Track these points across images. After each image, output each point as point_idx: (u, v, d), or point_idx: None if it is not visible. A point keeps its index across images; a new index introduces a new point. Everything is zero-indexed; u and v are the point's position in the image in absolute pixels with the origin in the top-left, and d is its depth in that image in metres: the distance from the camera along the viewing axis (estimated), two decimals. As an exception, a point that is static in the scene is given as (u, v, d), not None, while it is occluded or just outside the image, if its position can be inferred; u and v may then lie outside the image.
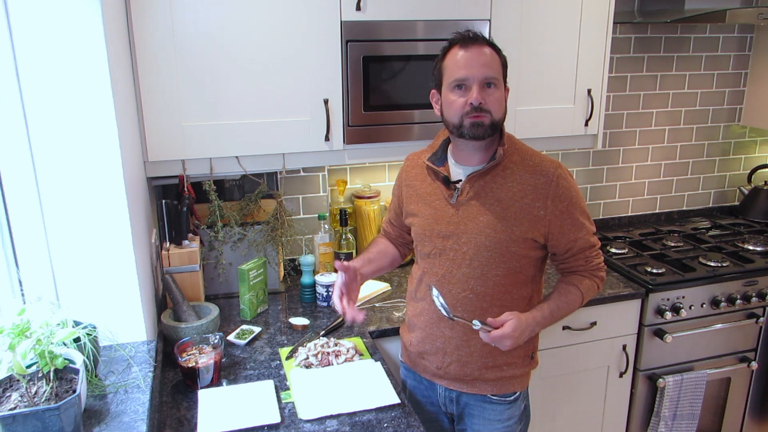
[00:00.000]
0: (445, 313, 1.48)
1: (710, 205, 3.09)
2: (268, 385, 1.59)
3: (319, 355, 1.71)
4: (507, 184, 1.50)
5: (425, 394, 1.74)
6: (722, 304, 2.34)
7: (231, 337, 1.86)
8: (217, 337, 1.67)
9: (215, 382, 1.60)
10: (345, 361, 1.70)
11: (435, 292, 1.50)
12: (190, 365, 1.56)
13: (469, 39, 1.46)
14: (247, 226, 2.14)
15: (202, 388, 1.58)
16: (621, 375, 2.32)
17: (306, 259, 2.16)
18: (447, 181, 1.55)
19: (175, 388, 1.60)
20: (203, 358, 1.58)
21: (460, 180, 1.54)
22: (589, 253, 1.57)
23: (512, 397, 1.65)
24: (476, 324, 1.47)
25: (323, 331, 1.90)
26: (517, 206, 1.49)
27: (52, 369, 1.15)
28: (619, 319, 2.26)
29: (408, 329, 1.75)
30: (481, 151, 1.52)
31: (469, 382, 1.62)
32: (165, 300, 1.91)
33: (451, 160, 1.58)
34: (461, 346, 1.59)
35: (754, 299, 2.38)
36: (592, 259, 1.58)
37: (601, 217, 2.91)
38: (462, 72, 1.44)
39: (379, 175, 2.51)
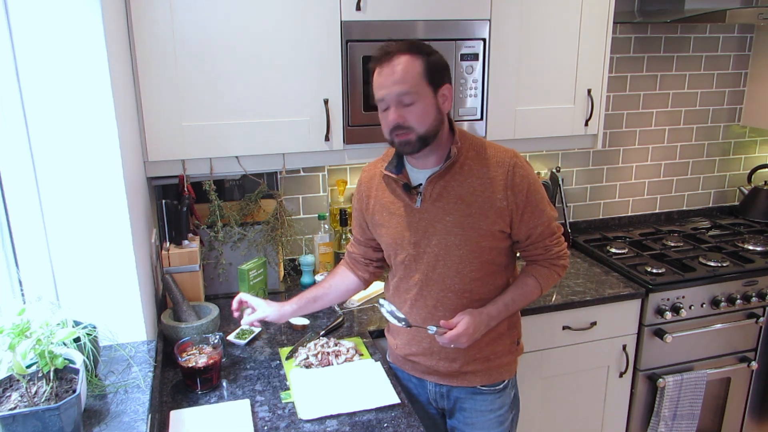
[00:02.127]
0: (401, 324, 1.54)
1: (710, 205, 3.09)
2: (244, 405, 1.52)
3: (319, 355, 1.71)
4: (467, 181, 1.51)
5: (415, 392, 1.75)
6: (722, 304, 2.34)
7: (231, 337, 1.86)
8: (217, 337, 1.67)
9: (215, 383, 1.60)
10: (345, 361, 1.70)
11: (386, 307, 1.56)
12: (189, 365, 1.56)
13: (384, 55, 1.42)
14: (247, 226, 2.14)
15: (202, 388, 1.58)
16: (621, 375, 2.32)
17: (306, 259, 2.16)
18: (408, 188, 1.55)
19: (175, 388, 1.60)
20: (203, 359, 1.58)
21: (421, 184, 1.54)
22: (549, 241, 1.57)
23: (501, 386, 1.67)
24: (431, 329, 1.51)
25: (323, 331, 1.90)
26: (479, 201, 1.50)
27: (52, 369, 1.14)
28: (619, 319, 2.26)
29: (392, 334, 1.76)
30: (435, 152, 1.51)
31: (458, 376, 1.64)
32: (165, 300, 1.91)
33: (408, 166, 1.57)
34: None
35: (754, 299, 2.38)
36: (552, 248, 1.58)
37: (601, 217, 2.91)
38: (379, 93, 1.44)
39: (379, 175, 2.51)
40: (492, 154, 1.52)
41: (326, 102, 1.95)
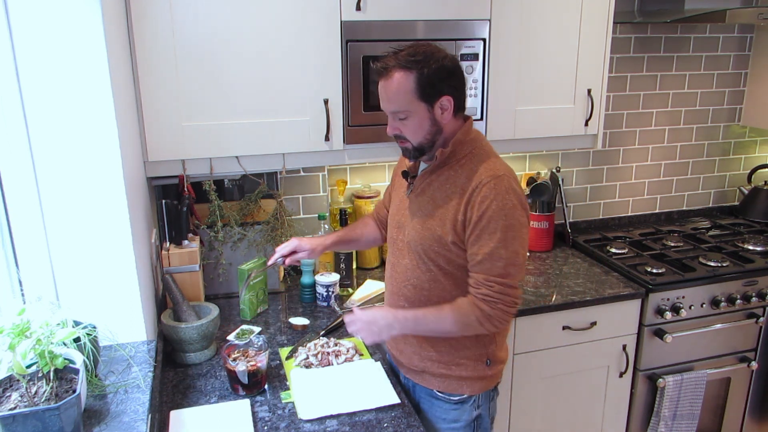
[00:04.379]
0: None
1: (710, 205, 3.09)
2: (244, 405, 1.52)
3: (319, 355, 1.71)
4: (444, 186, 1.51)
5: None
6: (722, 304, 2.34)
7: (231, 337, 1.86)
8: (261, 339, 1.65)
9: (259, 388, 1.59)
10: (345, 361, 1.70)
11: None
12: (241, 369, 1.54)
13: (381, 70, 1.44)
14: (247, 226, 2.14)
15: (249, 392, 1.57)
16: (621, 375, 2.32)
17: (306, 259, 2.16)
18: (405, 175, 1.60)
19: (175, 388, 1.60)
20: (249, 362, 1.56)
21: (416, 175, 1.59)
22: (482, 277, 1.44)
23: (458, 398, 1.62)
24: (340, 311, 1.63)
25: (323, 331, 1.90)
26: (444, 207, 1.49)
27: (52, 369, 1.14)
28: (619, 319, 2.26)
29: None
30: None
31: (418, 373, 1.65)
32: (165, 300, 1.91)
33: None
34: (407, 335, 1.61)
35: (754, 299, 2.38)
36: (481, 285, 1.44)
37: (601, 217, 2.91)
38: (381, 104, 1.50)
39: (379, 175, 2.51)
40: (479, 169, 1.47)
41: (326, 102, 1.95)
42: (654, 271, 2.33)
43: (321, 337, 1.82)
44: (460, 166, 1.50)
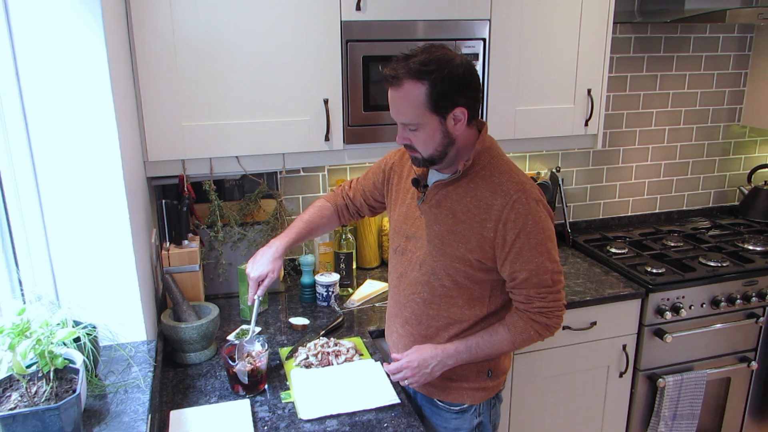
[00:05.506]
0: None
1: (710, 205, 3.09)
2: (244, 405, 1.52)
3: (319, 355, 1.71)
4: (465, 199, 1.44)
5: None
6: (722, 304, 2.34)
7: (230, 337, 1.86)
8: (261, 339, 1.65)
9: (259, 388, 1.58)
10: (345, 361, 1.70)
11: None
12: (245, 369, 1.53)
13: (391, 78, 1.35)
14: (247, 226, 2.14)
15: (248, 392, 1.57)
16: (621, 375, 2.32)
17: (306, 259, 2.16)
18: (416, 183, 1.53)
19: (175, 388, 1.60)
20: (250, 362, 1.56)
21: (427, 185, 1.53)
22: (534, 292, 1.44)
23: (459, 408, 1.61)
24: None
25: (323, 331, 1.90)
26: (468, 223, 1.43)
27: (52, 369, 1.14)
28: (619, 319, 2.26)
29: None
30: (456, 161, 1.46)
31: None
32: (165, 300, 1.91)
33: None
34: (408, 345, 1.60)
35: (754, 299, 2.38)
36: (534, 300, 1.45)
37: (601, 217, 2.91)
38: (390, 113, 1.42)
39: (379, 175, 2.51)
40: (503, 181, 1.42)
41: (326, 102, 1.95)
42: (654, 271, 2.33)
43: (321, 337, 1.82)
44: (480, 178, 1.44)
